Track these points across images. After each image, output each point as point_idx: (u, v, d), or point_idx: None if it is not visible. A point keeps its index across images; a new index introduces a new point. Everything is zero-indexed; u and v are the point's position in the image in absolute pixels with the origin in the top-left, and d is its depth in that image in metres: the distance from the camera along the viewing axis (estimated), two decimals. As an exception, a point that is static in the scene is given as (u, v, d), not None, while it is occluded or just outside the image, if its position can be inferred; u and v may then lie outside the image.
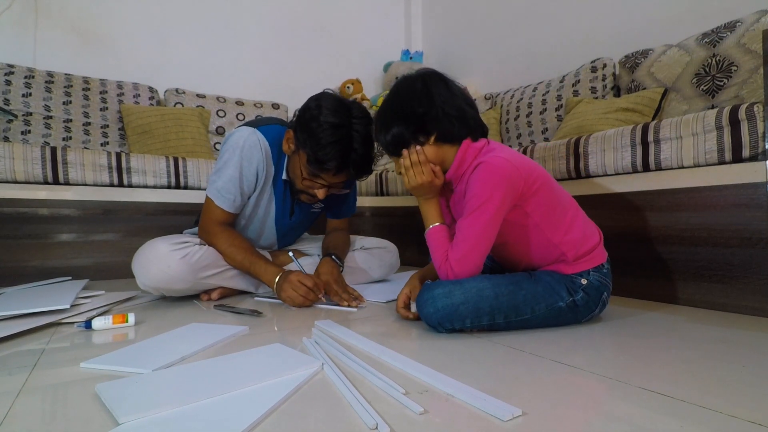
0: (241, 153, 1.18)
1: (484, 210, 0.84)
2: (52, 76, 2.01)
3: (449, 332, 0.86)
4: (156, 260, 1.12)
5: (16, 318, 0.95)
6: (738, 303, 1.00)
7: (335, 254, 1.28)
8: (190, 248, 1.17)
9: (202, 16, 2.57)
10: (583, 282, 0.89)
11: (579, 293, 0.88)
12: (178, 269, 1.13)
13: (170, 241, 1.16)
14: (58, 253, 1.57)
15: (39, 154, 1.52)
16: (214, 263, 1.21)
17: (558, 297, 0.87)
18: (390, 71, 2.96)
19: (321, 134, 1.06)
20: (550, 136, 1.96)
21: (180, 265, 1.13)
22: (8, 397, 0.57)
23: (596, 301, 0.90)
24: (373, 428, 0.47)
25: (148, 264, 1.12)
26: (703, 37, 1.50)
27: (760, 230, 0.96)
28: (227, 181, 1.19)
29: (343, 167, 1.10)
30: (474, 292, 0.84)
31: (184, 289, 1.18)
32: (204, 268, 1.18)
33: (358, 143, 1.08)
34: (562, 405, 0.54)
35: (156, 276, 1.12)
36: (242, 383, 0.58)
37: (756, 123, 0.96)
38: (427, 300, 0.86)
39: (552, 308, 0.87)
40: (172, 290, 1.17)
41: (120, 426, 0.48)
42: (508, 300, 0.85)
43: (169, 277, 1.13)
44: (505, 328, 0.87)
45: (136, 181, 1.67)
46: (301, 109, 1.13)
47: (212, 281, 1.22)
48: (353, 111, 1.10)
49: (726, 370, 0.65)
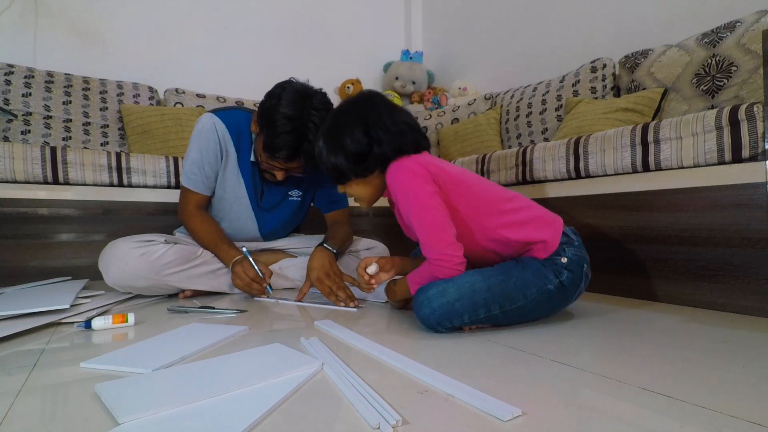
0: (200, 137, 1.27)
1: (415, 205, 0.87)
2: (52, 75, 2.01)
3: (449, 331, 0.87)
4: (114, 258, 1.17)
5: (16, 318, 0.95)
6: (738, 303, 1.00)
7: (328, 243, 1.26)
8: (152, 247, 1.20)
9: (202, 16, 2.57)
10: (563, 260, 0.90)
11: (563, 273, 0.90)
12: (135, 266, 1.16)
13: (133, 240, 1.20)
14: (58, 253, 1.57)
15: (39, 154, 1.52)
16: (176, 261, 1.22)
17: (546, 280, 0.89)
18: (390, 71, 2.97)
19: (276, 123, 1.10)
20: (550, 137, 1.96)
21: (138, 262, 1.16)
22: (8, 397, 0.57)
23: (579, 276, 0.92)
24: (375, 428, 0.47)
25: (108, 262, 1.17)
26: (703, 37, 1.50)
27: (760, 230, 0.96)
28: (191, 164, 1.28)
29: (294, 156, 1.14)
30: (467, 287, 0.85)
31: (147, 286, 1.20)
32: (165, 266, 1.20)
33: (312, 134, 1.10)
34: (562, 405, 0.54)
35: (115, 273, 1.16)
36: (242, 383, 0.58)
37: (756, 123, 0.96)
38: (422, 302, 0.86)
39: (542, 291, 0.88)
40: (135, 288, 1.20)
41: (120, 426, 0.48)
42: (501, 289, 0.86)
43: (127, 274, 1.16)
44: (503, 318, 0.88)
45: (136, 181, 1.67)
46: (266, 95, 1.17)
47: (175, 279, 1.23)
48: (314, 102, 1.12)
49: (726, 370, 0.65)
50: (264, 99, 1.17)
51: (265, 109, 1.14)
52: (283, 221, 1.44)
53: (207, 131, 1.27)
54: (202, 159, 1.27)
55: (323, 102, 1.14)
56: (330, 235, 1.33)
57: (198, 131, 1.28)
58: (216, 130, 1.27)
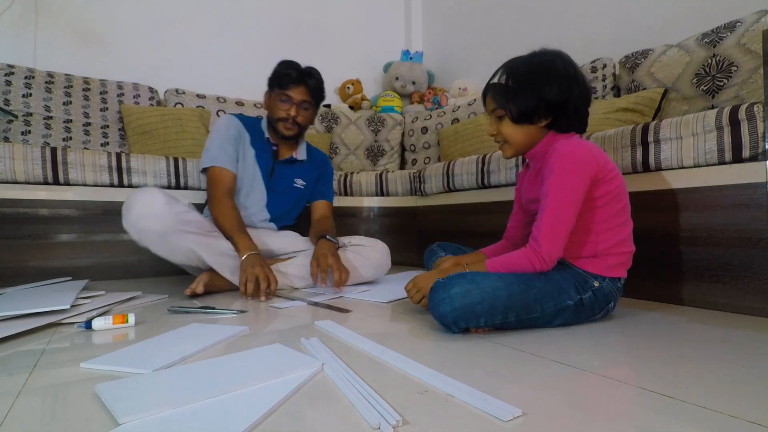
0: (219, 127, 1.47)
1: (561, 189, 0.87)
2: (52, 76, 2.01)
3: (461, 332, 0.86)
4: (141, 198, 1.20)
5: (16, 318, 0.95)
6: (738, 303, 1.00)
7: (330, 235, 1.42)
8: (178, 204, 1.24)
9: (202, 16, 2.57)
10: (595, 284, 0.91)
11: (588, 292, 0.90)
12: (159, 210, 1.19)
13: (161, 191, 1.24)
14: (58, 253, 1.57)
15: (39, 154, 1.52)
16: (195, 224, 1.26)
17: (567, 296, 0.89)
18: (390, 71, 2.96)
19: (281, 66, 1.46)
20: (550, 136, 1.95)
21: (163, 208, 1.19)
22: (8, 397, 0.57)
23: (602, 305, 0.92)
24: (375, 428, 0.47)
25: (132, 201, 1.20)
26: (703, 37, 1.50)
27: (760, 230, 0.96)
28: (217, 147, 1.43)
29: (300, 78, 1.42)
30: (490, 292, 0.84)
31: (162, 232, 1.20)
32: (185, 223, 1.24)
33: (309, 70, 1.45)
34: (562, 405, 0.54)
35: (137, 211, 1.18)
36: (242, 383, 0.58)
37: (756, 123, 0.96)
38: (443, 299, 0.84)
39: (560, 307, 0.88)
40: (151, 231, 1.20)
41: (120, 426, 0.48)
42: (521, 299, 0.86)
43: (149, 214, 1.18)
44: (515, 326, 0.88)
45: (136, 182, 1.67)
46: None
47: (187, 239, 1.24)
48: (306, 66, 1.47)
49: (726, 370, 0.65)
50: None
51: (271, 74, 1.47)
52: (289, 205, 1.59)
53: (225, 122, 1.49)
54: (223, 141, 1.44)
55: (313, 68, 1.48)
56: (323, 228, 1.49)
57: (218, 125, 1.48)
58: (233, 123, 1.49)
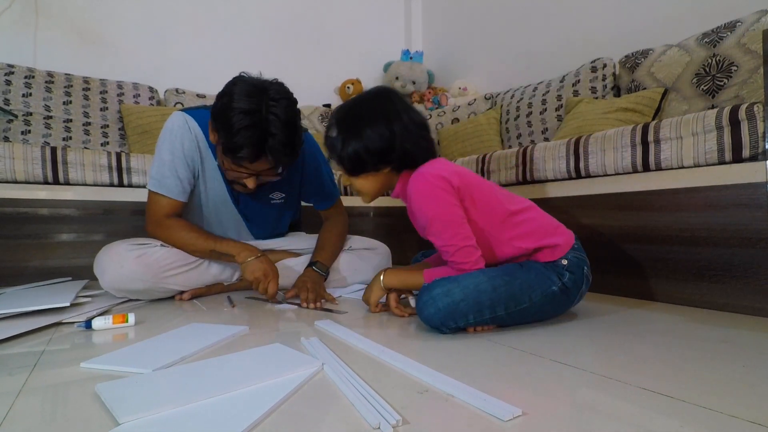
0: (170, 136, 1.16)
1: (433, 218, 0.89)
2: (52, 76, 2.01)
3: (453, 332, 0.86)
4: (110, 261, 1.12)
5: (16, 318, 0.95)
6: (738, 303, 1.00)
7: (320, 261, 1.28)
8: (149, 249, 1.16)
9: (202, 16, 2.57)
10: (564, 263, 0.92)
11: (566, 275, 0.91)
12: (132, 268, 1.11)
13: (129, 242, 1.16)
14: (58, 253, 1.57)
15: (39, 154, 1.52)
16: (176, 263, 1.18)
17: (550, 281, 0.90)
18: (390, 71, 2.96)
19: (233, 121, 0.99)
20: (550, 136, 1.96)
21: (134, 264, 1.11)
22: (8, 397, 0.57)
23: (581, 277, 0.93)
24: (375, 428, 0.47)
25: (103, 265, 1.13)
26: (703, 37, 1.50)
27: (760, 230, 0.96)
28: (160, 167, 1.16)
29: (259, 154, 1.02)
30: (472, 288, 0.85)
31: (144, 290, 1.15)
32: (164, 268, 1.16)
33: (275, 128, 1.00)
34: (562, 405, 0.54)
35: (111, 276, 1.12)
36: (242, 383, 0.58)
37: (756, 123, 0.96)
38: (426, 302, 0.86)
39: (547, 294, 0.89)
40: (131, 291, 1.15)
41: (120, 426, 0.48)
42: (506, 291, 0.86)
43: (123, 276, 1.11)
44: (508, 319, 0.88)
45: (136, 181, 1.67)
46: (217, 95, 1.06)
47: (178, 281, 1.19)
48: (270, 93, 1.02)
49: (726, 370, 0.65)
50: (216, 100, 1.06)
51: (218, 110, 1.03)
52: (271, 225, 1.39)
53: (178, 129, 1.16)
54: (173, 160, 1.15)
55: (280, 92, 1.04)
56: (322, 244, 1.34)
57: (168, 130, 1.16)
58: (190, 129, 1.16)
